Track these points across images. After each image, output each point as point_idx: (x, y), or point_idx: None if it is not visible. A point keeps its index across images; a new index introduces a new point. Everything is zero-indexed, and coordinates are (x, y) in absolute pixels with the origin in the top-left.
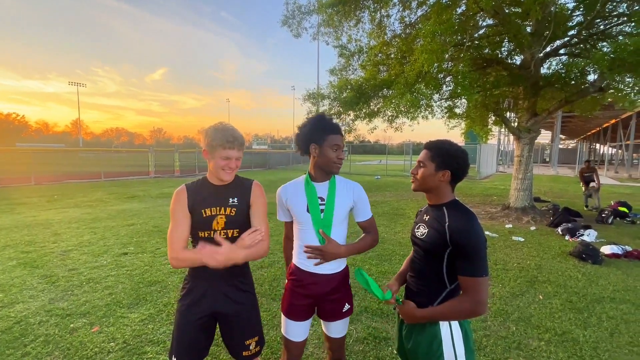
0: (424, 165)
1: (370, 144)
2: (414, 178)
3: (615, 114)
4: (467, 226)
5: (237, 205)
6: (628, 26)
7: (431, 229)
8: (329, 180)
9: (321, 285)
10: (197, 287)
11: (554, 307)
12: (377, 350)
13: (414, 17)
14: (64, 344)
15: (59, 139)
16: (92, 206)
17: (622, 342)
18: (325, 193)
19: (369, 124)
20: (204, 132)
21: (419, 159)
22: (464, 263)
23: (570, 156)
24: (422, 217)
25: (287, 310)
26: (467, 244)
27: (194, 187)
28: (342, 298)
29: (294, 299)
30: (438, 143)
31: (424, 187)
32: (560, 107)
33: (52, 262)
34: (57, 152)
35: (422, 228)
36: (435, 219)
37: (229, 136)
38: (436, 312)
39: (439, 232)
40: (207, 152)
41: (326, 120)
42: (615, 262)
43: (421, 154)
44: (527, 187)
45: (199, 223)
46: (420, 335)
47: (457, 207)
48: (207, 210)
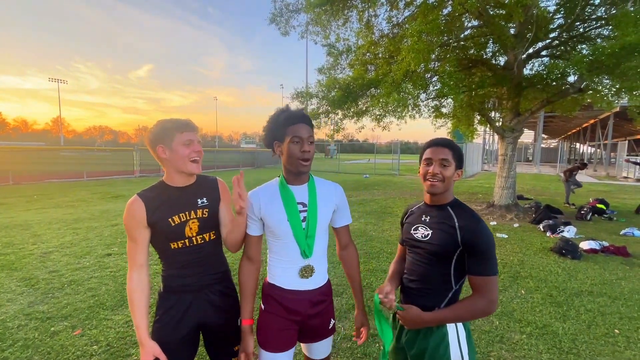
0: (449, 164)
1: (358, 143)
2: (438, 179)
3: (594, 115)
4: (478, 225)
5: (208, 205)
6: (606, 29)
7: (438, 231)
8: (308, 182)
9: (308, 301)
10: (180, 302)
11: (535, 302)
12: (365, 347)
13: (401, 17)
14: (44, 348)
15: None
16: (74, 206)
17: (599, 334)
18: (305, 197)
19: (357, 123)
20: (149, 133)
21: (442, 156)
22: (477, 262)
23: (552, 155)
24: (419, 218)
25: (268, 340)
26: (480, 243)
27: (150, 194)
28: (327, 313)
29: (276, 324)
30: (450, 141)
31: (444, 189)
32: (542, 107)
33: (32, 264)
34: (37, 151)
35: (424, 230)
36: (441, 220)
37: (180, 120)
38: (448, 314)
39: (448, 234)
40: (162, 147)
41: (288, 111)
42: (593, 257)
43: (440, 151)
44: (510, 186)
45: (168, 234)
46: (425, 340)
47: (462, 206)
48: (175, 217)
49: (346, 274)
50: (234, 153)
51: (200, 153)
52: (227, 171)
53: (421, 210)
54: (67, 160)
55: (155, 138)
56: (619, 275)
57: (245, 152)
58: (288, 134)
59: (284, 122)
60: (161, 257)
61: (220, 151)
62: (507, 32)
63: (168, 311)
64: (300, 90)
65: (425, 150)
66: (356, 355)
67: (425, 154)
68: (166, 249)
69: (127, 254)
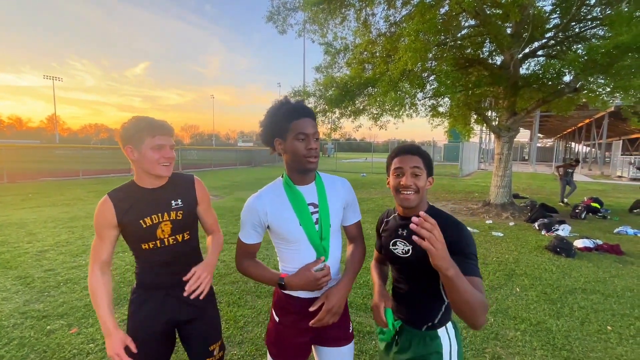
0: (421, 172)
1: (355, 142)
2: (412, 191)
3: (589, 114)
4: (459, 227)
5: (182, 207)
6: (601, 29)
7: (416, 246)
8: (315, 181)
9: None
10: (152, 298)
11: (529, 299)
12: (361, 344)
13: (398, 16)
14: (39, 347)
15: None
16: (70, 205)
17: (592, 330)
18: (315, 197)
19: (355, 122)
20: (121, 128)
21: (411, 164)
22: (468, 264)
23: (547, 154)
24: (395, 231)
25: (282, 354)
26: (465, 247)
27: (121, 195)
28: (345, 317)
29: (294, 337)
30: (419, 147)
31: (419, 200)
32: (538, 106)
33: (27, 262)
34: (32, 149)
35: (403, 245)
36: None
37: (155, 122)
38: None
39: None
40: (131, 148)
41: (288, 105)
42: (587, 255)
43: (410, 160)
44: (506, 184)
45: (139, 236)
46: (419, 348)
47: (439, 213)
48: (147, 219)
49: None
50: (230, 152)
51: (170, 159)
52: (224, 170)
53: (396, 222)
54: (62, 159)
55: (125, 137)
56: (612, 273)
57: (242, 151)
58: (291, 129)
59: (285, 117)
60: (135, 256)
61: (217, 150)
62: (504, 32)
63: (141, 306)
64: (298, 89)
65: (393, 159)
66: None
67: (394, 163)
68: (137, 248)
69: (91, 250)
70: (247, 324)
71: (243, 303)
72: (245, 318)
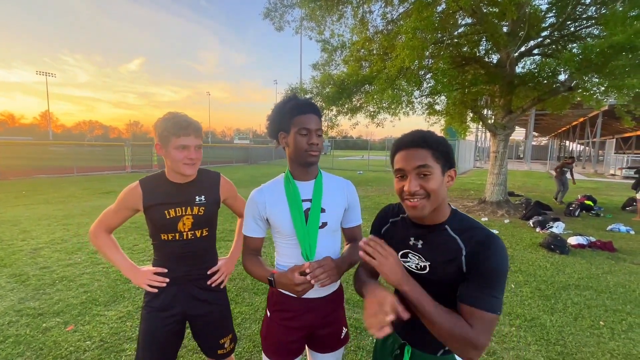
0: (430, 171)
1: (352, 140)
2: (420, 197)
3: (584, 113)
4: (491, 247)
5: (205, 204)
6: (596, 28)
7: (440, 264)
8: (315, 178)
9: (318, 311)
10: (166, 291)
11: (524, 295)
12: (358, 340)
13: (395, 13)
14: (36, 344)
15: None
16: (64, 202)
17: (585, 326)
18: (310, 194)
19: (351, 119)
20: (154, 126)
21: (417, 163)
22: (478, 293)
23: (542, 152)
24: (406, 240)
25: (274, 350)
26: (499, 267)
27: (151, 184)
28: (338, 322)
29: (283, 335)
30: (425, 136)
31: (436, 203)
32: (533, 105)
33: (22, 260)
34: (25, 146)
35: (417, 259)
36: (439, 248)
37: (182, 122)
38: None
39: (453, 266)
40: (160, 145)
41: (295, 100)
42: (580, 252)
43: (416, 155)
44: (502, 182)
45: (162, 226)
46: None
47: (465, 222)
48: (171, 211)
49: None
50: (227, 149)
51: (195, 159)
52: (219, 167)
53: (407, 228)
54: (56, 156)
55: (156, 134)
56: (605, 270)
57: (238, 148)
58: (295, 124)
59: (290, 112)
60: (154, 246)
61: (214, 147)
62: (500, 30)
63: (157, 297)
64: (295, 86)
65: (394, 155)
66: (349, 348)
67: (396, 162)
68: (157, 238)
69: (102, 215)
70: (244, 320)
71: (240, 300)
72: (242, 315)
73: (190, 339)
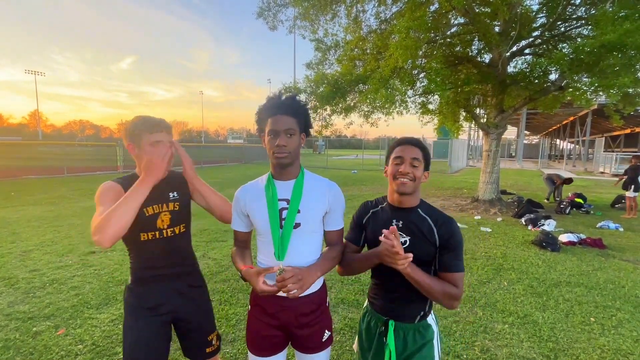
0: (419, 164)
1: (346, 139)
2: (409, 178)
3: (574, 112)
4: (453, 225)
5: (178, 200)
6: (585, 29)
7: (417, 238)
8: (296, 178)
9: (291, 310)
10: (151, 292)
11: (517, 293)
12: (354, 340)
13: (389, 13)
14: (26, 349)
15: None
16: (55, 203)
17: (576, 322)
18: (289, 194)
19: (346, 119)
20: (124, 128)
21: (412, 155)
22: (453, 260)
23: (533, 151)
24: (388, 222)
25: (253, 343)
26: (456, 242)
27: (127, 182)
28: (319, 323)
29: (261, 329)
30: (420, 141)
31: (414, 189)
32: (525, 104)
33: (11, 263)
34: (14, 146)
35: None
36: (416, 225)
37: (153, 120)
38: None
39: (426, 239)
40: (133, 145)
41: (270, 101)
42: (571, 249)
43: (411, 150)
44: (494, 181)
45: (141, 224)
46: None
47: (430, 207)
48: (149, 208)
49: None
50: (220, 148)
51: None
52: (213, 167)
53: (387, 213)
54: (46, 156)
55: (127, 134)
56: (595, 266)
57: (232, 148)
58: (267, 125)
59: (265, 113)
60: (130, 250)
61: (207, 146)
62: (492, 30)
63: (139, 298)
64: (289, 86)
65: (394, 148)
66: (345, 348)
67: (396, 152)
68: (136, 240)
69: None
70: (239, 321)
71: (235, 301)
72: (237, 316)
73: None
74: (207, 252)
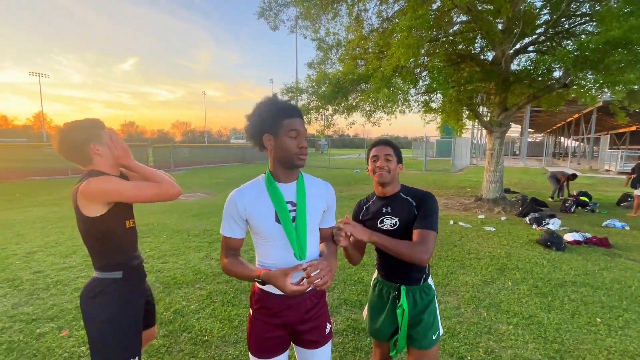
0: (392, 158)
1: (349, 138)
2: (385, 170)
3: (578, 109)
4: (426, 194)
5: None
6: (590, 25)
7: (403, 216)
8: (297, 180)
9: (298, 308)
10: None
11: (521, 293)
12: (357, 342)
13: (391, 11)
14: (29, 351)
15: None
16: (59, 204)
17: (582, 323)
18: (294, 196)
19: (348, 118)
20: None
21: (384, 152)
22: (422, 218)
23: (537, 149)
24: (380, 211)
25: (258, 347)
26: (427, 205)
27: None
28: (321, 317)
29: (266, 332)
30: (390, 140)
31: (391, 179)
32: (528, 102)
33: (15, 264)
34: (18, 148)
35: (390, 219)
36: (401, 205)
37: (96, 120)
38: (391, 242)
39: (410, 213)
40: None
41: (279, 103)
42: (576, 248)
43: (384, 149)
44: (498, 179)
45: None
46: (422, 300)
47: (409, 188)
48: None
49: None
50: (223, 148)
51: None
52: (216, 167)
53: (377, 204)
54: (50, 157)
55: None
56: (600, 266)
57: (234, 148)
58: (284, 127)
59: (278, 114)
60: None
61: (210, 147)
62: (495, 28)
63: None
64: (290, 85)
65: (370, 150)
66: (347, 349)
67: (372, 152)
68: (122, 228)
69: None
70: (241, 323)
71: (237, 302)
72: (239, 317)
73: (187, 342)
74: (209, 252)
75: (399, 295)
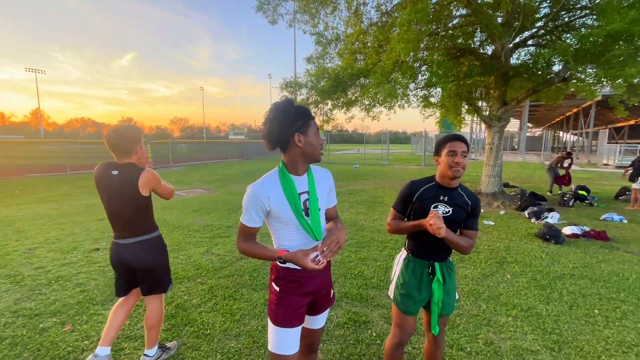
0: (466, 155)
1: (348, 133)
2: (462, 167)
3: (577, 104)
4: (478, 200)
5: None
6: (590, 18)
7: (456, 208)
8: (307, 171)
9: (319, 277)
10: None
11: (520, 285)
12: (357, 334)
13: (390, 5)
14: (33, 345)
15: (17, 131)
16: (58, 201)
17: (580, 314)
18: (306, 186)
19: (347, 113)
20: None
21: (462, 149)
22: (473, 223)
23: (536, 144)
24: (437, 197)
25: (283, 318)
26: (478, 211)
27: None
28: (329, 284)
29: (292, 305)
30: (464, 137)
31: (463, 174)
32: (527, 96)
33: (16, 260)
34: (16, 144)
35: (444, 207)
36: (457, 199)
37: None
38: (461, 240)
39: (462, 208)
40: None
41: (302, 107)
42: (575, 241)
43: (462, 146)
44: (497, 174)
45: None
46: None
47: (464, 187)
48: None
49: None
50: (222, 145)
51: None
52: (215, 163)
53: (435, 190)
54: (48, 154)
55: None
56: (599, 259)
57: (233, 144)
58: (312, 126)
59: (305, 116)
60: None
61: (208, 143)
62: (495, 21)
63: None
64: (289, 80)
65: (446, 143)
66: (349, 341)
67: (449, 146)
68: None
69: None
70: (243, 317)
71: (239, 296)
72: (241, 311)
73: (190, 336)
74: (210, 248)
75: (432, 270)
